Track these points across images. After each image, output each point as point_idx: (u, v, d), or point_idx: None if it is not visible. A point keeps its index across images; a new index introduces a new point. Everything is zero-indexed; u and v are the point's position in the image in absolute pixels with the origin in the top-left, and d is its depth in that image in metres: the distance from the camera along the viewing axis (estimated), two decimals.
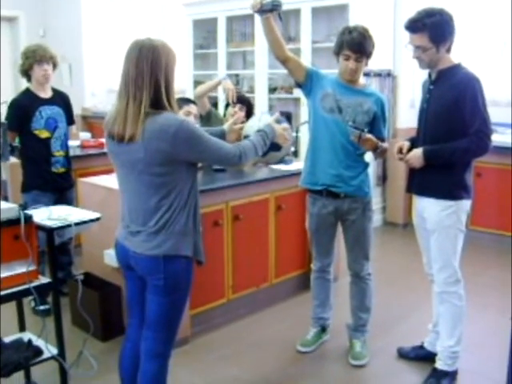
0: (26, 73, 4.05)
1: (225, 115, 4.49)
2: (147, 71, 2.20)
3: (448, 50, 2.95)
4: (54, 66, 4.12)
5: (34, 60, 3.99)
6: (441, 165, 2.97)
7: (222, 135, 2.75)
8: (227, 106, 4.49)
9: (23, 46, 4.35)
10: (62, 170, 4.17)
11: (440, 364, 3.19)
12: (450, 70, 2.96)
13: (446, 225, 3.02)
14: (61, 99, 4.23)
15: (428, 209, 3.07)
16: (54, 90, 4.21)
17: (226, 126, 2.89)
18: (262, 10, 3.02)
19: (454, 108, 2.90)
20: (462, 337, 3.16)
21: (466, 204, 3.06)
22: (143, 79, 2.20)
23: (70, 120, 4.34)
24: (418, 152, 3.00)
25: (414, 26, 2.90)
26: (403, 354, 3.49)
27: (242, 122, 3.13)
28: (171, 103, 2.26)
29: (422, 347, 3.44)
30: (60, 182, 4.17)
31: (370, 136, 3.15)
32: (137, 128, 2.18)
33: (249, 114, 4.29)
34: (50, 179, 4.10)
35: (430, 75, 3.08)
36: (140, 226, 2.33)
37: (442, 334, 3.19)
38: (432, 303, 3.35)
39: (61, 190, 4.18)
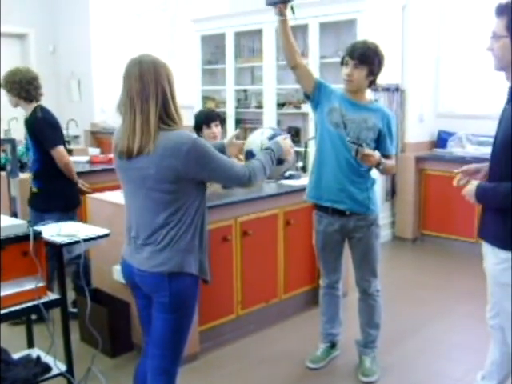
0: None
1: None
2: (152, 82, 2.21)
3: None
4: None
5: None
6: (493, 207, 2.43)
7: (222, 150, 2.73)
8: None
9: (33, 63, 4.37)
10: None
11: None
12: None
13: (501, 282, 2.41)
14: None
15: (485, 257, 2.52)
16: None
17: (226, 141, 2.89)
18: (274, 2, 3.00)
19: None
20: None
21: None
22: (149, 90, 2.21)
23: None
24: (472, 187, 2.45)
25: (497, 8, 2.35)
26: None
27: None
28: (179, 113, 2.28)
29: None
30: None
31: (368, 151, 3.10)
32: (148, 141, 2.19)
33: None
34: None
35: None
36: (146, 240, 2.32)
37: None
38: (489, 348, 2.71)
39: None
